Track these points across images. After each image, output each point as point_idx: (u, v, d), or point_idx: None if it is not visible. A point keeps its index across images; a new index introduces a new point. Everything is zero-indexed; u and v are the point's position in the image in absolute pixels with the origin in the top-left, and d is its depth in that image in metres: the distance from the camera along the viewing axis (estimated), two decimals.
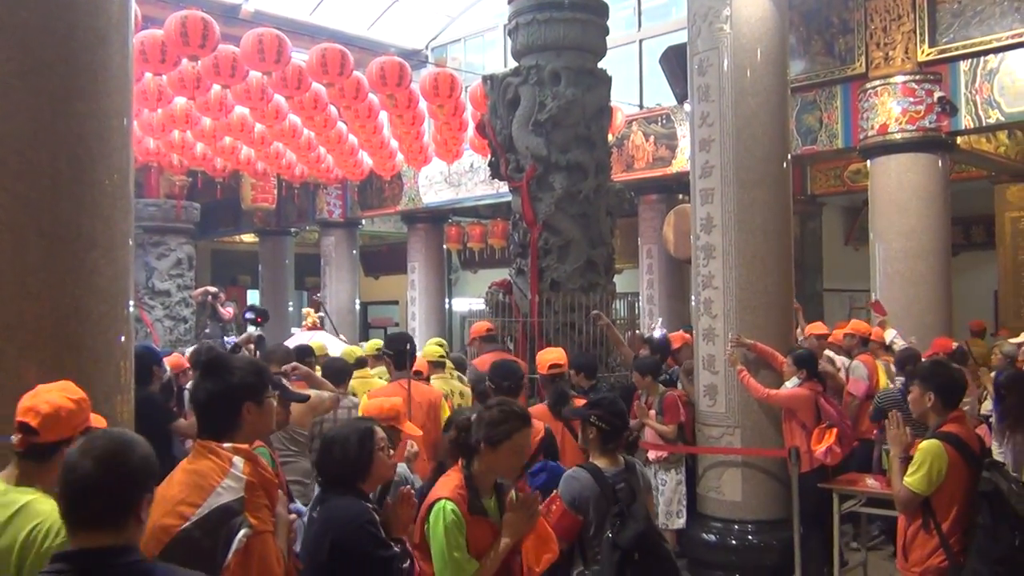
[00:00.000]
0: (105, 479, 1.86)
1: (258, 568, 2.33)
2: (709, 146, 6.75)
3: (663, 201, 12.37)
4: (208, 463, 2.43)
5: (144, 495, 1.92)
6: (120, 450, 1.91)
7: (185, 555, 2.24)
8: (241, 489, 2.40)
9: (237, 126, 10.49)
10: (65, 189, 3.16)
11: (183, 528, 2.32)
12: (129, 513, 1.88)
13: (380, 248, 21.27)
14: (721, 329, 6.59)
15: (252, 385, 2.61)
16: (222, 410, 2.56)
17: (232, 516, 2.34)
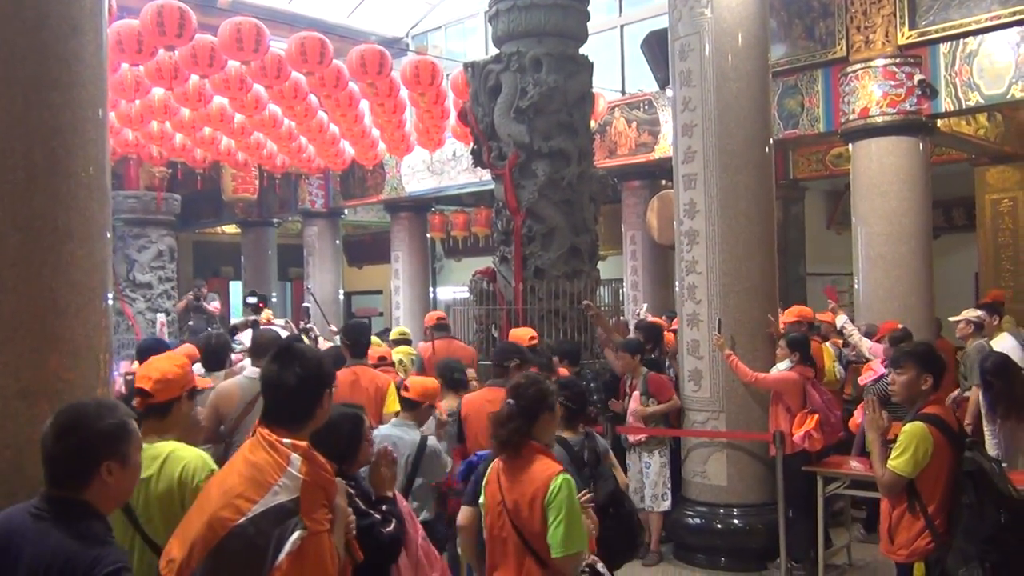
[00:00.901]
0: (60, 449, 2.20)
1: (312, 569, 2.36)
2: (691, 131, 6.76)
3: (646, 187, 12.36)
4: (267, 457, 2.43)
5: (101, 462, 2.19)
6: (77, 423, 2.22)
7: (239, 549, 2.31)
8: (297, 489, 2.39)
9: (216, 116, 10.37)
10: (40, 181, 3.11)
11: (239, 523, 2.34)
12: (85, 477, 2.19)
13: (363, 238, 21.19)
14: (705, 314, 6.61)
15: (328, 375, 2.66)
16: (302, 399, 2.54)
17: (287, 516, 2.35)
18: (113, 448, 2.23)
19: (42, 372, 3.07)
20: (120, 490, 2.29)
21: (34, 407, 3.01)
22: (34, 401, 3.02)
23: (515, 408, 3.28)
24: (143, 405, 3.11)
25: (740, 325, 6.52)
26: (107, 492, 2.23)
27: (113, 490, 2.25)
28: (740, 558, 6.33)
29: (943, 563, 3.64)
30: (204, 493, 2.51)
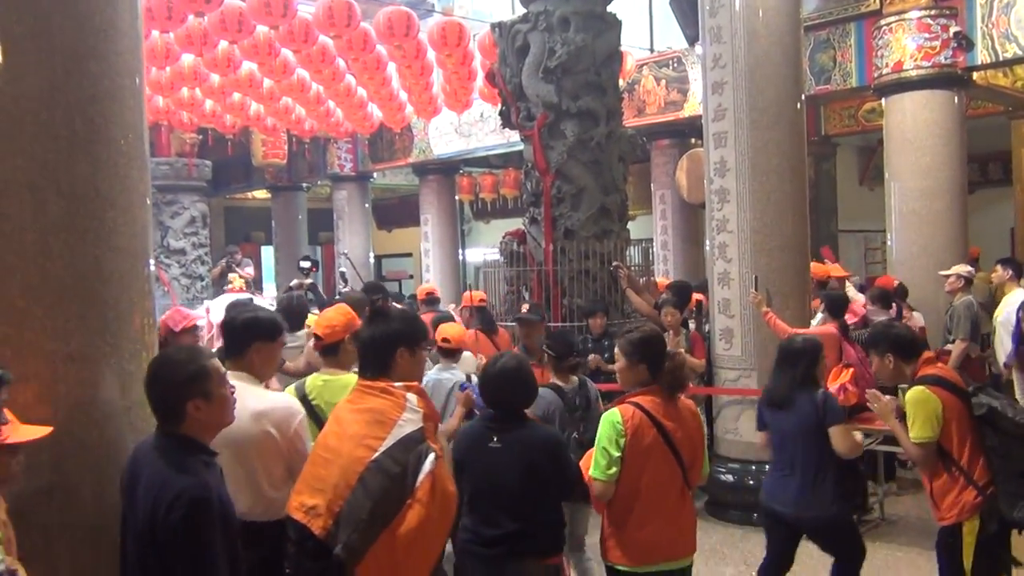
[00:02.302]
0: (151, 395, 2.63)
1: (441, 487, 2.68)
2: (722, 88, 6.70)
3: (675, 146, 12.27)
4: (382, 401, 2.76)
5: (187, 401, 2.53)
6: (159, 372, 2.63)
7: (379, 479, 2.62)
8: (420, 420, 2.74)
9: (245, 82, 10.42)
10: (81, 149, 3.17)
11: (374, 458, 2.63)
12: (178, 415, 2.54)
13: (392, 201, 21.24)
14: (736, 273, 6.60)
15: (407, 333, 2.92)
16: (379, 353, 2.86)
17: (416, 444, 2.68)
18: (195, 388, 2.53)
19: (88, 337, 3.14)
20: (212, 421, 2.61)
21: (82, 371, 3.10)
22: (82, 365, 3.11)
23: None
24: (319, 347, 4.03)
25: (771, 283, 6.50)
26: (200, 425, 2.56)
27: (205, 422, 2.57)
28: None
29: (997, 512, 3.64)
30: (323, 447, 2.80)
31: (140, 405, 3.20)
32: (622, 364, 3.66)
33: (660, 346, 3.66)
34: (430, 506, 2.61)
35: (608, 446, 3.49)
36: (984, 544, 3.68)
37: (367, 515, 2.58)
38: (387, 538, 2.58)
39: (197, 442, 2.58)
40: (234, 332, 3.45)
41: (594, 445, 3.62)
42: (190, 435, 2.56)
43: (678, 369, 3.63)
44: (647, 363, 3.58)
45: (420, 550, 2.64)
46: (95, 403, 3.15)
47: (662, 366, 3.58)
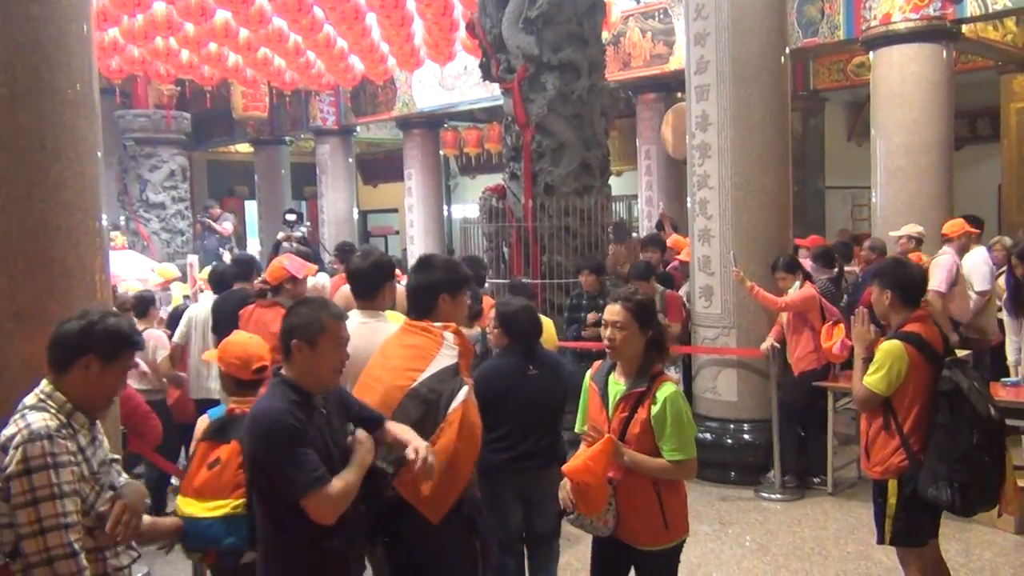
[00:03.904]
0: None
1: (469, 416, 2.96)
2: (704, 40, 6.54)
3: (661, 100, 12.09)
4: (422, 338, 3.06)
5: (291, 342, 2.65)
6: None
7: (416, 404, 2.91)
8: (455, 356, 3.02)
9: (221, 32, 10.17)
10: (23, 99, 3.05)
11: (412, 387, 2.94)
12: (286, 356, 2.68)
13: (378, 156, 21.00)
14: (717, 230, 6.50)
15: (448, 281, 3.19)
16: (423, 298, 3.16)
17: (451, 376, 2.98)
18: (300, 332, 2.63)
19: (35, 294, 3.05)
20: (309, 368, 2.64)
21: (28, 328, 3.01)
22: (28, 323, 3.02)
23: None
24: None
25: (754, 241, 6.41)
26: (300, 368, 2.64)
27: (305, 367, 2.64)
28: (750, 472, 6.36)
29: (915, 481, 3.64)
30: (369, 376, 3.09)
31: None
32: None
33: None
34: (460, 431, 2.90)
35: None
36: (907, 505, 3.69)
37: None
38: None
39: (294, 385, 2.65)
40: (366, 275, 3.78)
41: None
42: (291, 377, 2.66)
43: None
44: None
45: (450, 469, 2.88)
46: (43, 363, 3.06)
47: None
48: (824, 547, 5.34)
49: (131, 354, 2.49)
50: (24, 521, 2.22)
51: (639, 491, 3.13)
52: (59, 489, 2.23)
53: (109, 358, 2.41)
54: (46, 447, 2.24)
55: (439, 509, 2.89)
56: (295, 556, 2.59)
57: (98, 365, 2.39)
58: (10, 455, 2.24)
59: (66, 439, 2.29)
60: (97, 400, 2.46)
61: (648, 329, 3.21)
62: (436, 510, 2.88)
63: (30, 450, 2.22)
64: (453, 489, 2.93)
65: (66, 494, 2.25)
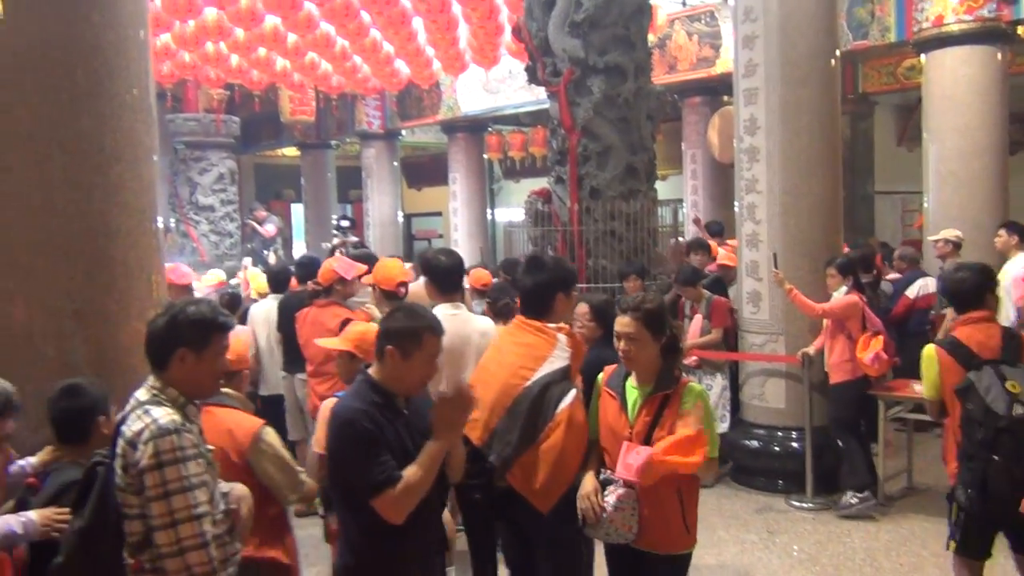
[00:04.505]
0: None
1: (577, 417, 3.14)
2: (753, 43, 6.49)
3: (707, 104, 11.98)
4: (537, 338, 3.24)
5: (385, 347, 2.66)
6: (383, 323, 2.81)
7: (527, 403, 3.12)
8: (567, 359, 3.19)
9: (270, 36, 10.30)
10: (84, 102, 3.12)
11: (525, 386, 3.15)
12: (378, 357, 2.69)
13: (422, 159, 21.10)
14: (765, 235, 6.44)
15: (562, 279, 3.37)
16: (540, 297, 3.32)
17: (562, 378, 3.16)
18: (396, 339, 2.65)
19: (95, 294, 3.11)
20: (398, 375, 2.66)
21: (88, 327, 3.07)
22: (88, 321, 3.08)
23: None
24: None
25: (802, 246, 6.34)
26: (389, 373, 2.66)
27: (395, 373, 2.66)
28: (798, 481, 6.26)
29: (965, 485, 3.65)
30: (484, 371, 3.34)
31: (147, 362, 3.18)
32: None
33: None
34: (567, 431, 3.09)
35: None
36: (966, 516, 3.65)
37: (517, 433, 3.11)
38: (532, 454, 3.11)
39: (379, 387, 2.68)
40: (448, 271, 4.22)
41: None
42: (377, 379, 2.70)
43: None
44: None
45: (559, 464, 3.09)
46: (103, 361, 3.13)
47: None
48: (875, 559, 5.24)
49: (221, 336, 2.49)
50: (157, 513, 2.28)
51: (664, 498, 3.10)
52: (188, 482, 2.29)
53: (200, 346, 2.42)
54: (175, 441, 2.29)
55: (548, 500, 3.11)
56: (371, 550, 2.63)
57: (192, 356, 2.42)
58: (140, 450, 2.29)
59: (190, 432, 2.35)
60: (204, 387, 2.51)
61: (661, 336, 3.18)
62: (546, 501, 3.11)
63: (160, 444, 2.27)
64: (561, 482, 3.12)
65: (195, 486, 2.30)
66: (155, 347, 2.43)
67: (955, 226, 8.16)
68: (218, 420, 2.96)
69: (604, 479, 3.15)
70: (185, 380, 2.41)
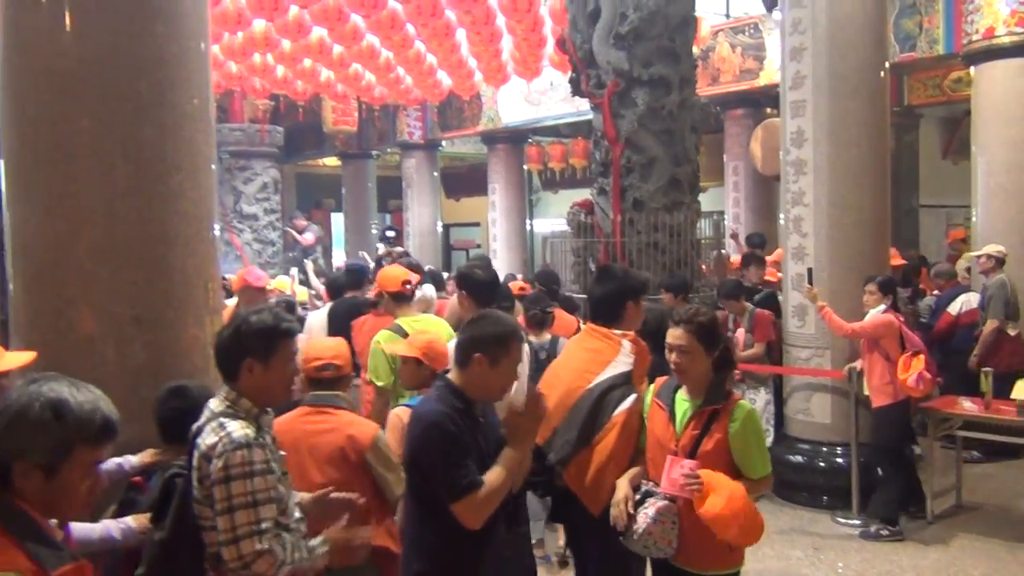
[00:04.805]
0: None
1: (632, 421, 3.26)
2: (801, 55, 6.45)
3: (750, 116, 11.93)
4: (602, 343, 3.38)
5: (472, 354, 2.68)
6: (468, 328, 2.85)
7: (588, 405, 3.24)
8: (630, 364, 3.31)
9: (316, 48, 10.44)
10: (147, 113, 3.18)
11: (588, 388, 3.28)
12: (463, 363, 2.72)
13: (461, 169, 21.20)
14: (812, 248, 6.39)
15: (631, 287, 3.52)
16: (611, 305, 3.46)
17: (624, 382, 3.28)
18: (485, 347, 2.69)
19: (154, 300, 3.17)
20: (483, 382, 2.70)
21: (147, 333, 3.13)
22: (147, 328, 3.13)
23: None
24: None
25: (849, 260, 6.27)
26: (474, 379, 2.70)
27: (479, 380, 2.70)
28: (843, 497, 6.18)
29: None
30: (552, 374, 3.48)
31: (204, 369, 3.24)
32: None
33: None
34: (620, 434, 3.21)
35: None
36: None
37: (576, 433, 3.22)
38: (586, 454, 3.23)
39: (460, 393, 2.73)
40: (487, 285, 4.45)
41: None
42: (459, 385, 2.74)
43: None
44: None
45: (607, 467, 3.19)
46: (161, 367, 3.18)
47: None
48: None
49: (287, 343, 2.48)
50: (223, 528, 2.30)
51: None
52: (253, 498, 2.30)
53: (266, 355, 2.43)
54: (245, 456, 2.31)
55: (598, 501, 3.18)
56: (448, 556, 2.65)
57: (259, 365, 2.43)
58: (214, 463, 2.31)
59: (261, 447, 2.36)
60: (275, 395, 2.51)
61: (713, 349, 3.15)
62: (596, 502, 3.19)
63: (231, 459, 2.29)
64: (609, 484, 3.18)
65: (260, 502, 2.31)
66: (223, 359, 2.45)
67: (1003, 240, 8.03)
68: (339, 422, 3.18)
69: (646, 491, 3.13)
70: (255, 390, 2.43)
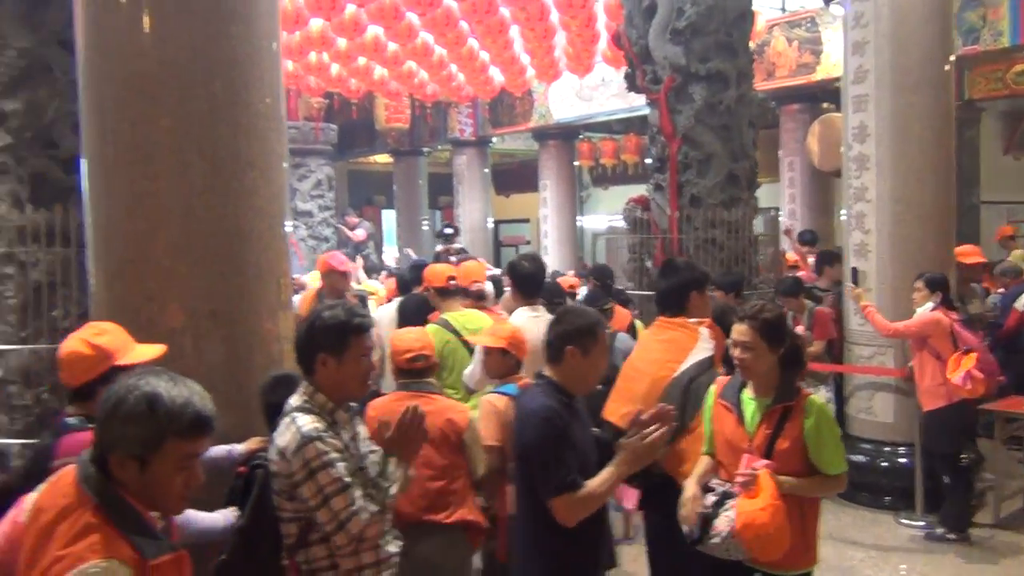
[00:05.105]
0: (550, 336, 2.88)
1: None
2: (863, 49, 6.36)
3: (806, 111, 11.75)
4: (679, 333, 3.53)
5: (565, 348, 2.77)
6: (557, 320, 2.91)
7: (678, 393, 3.36)
8: (711, 349, 3.45)
9: (371, 46, 10.51)
10: (222, 112, 3.24)
11: (674, 376, 3.41)
12: (557, 359, 2.80)
13: (511, 166, 21.22)
14: (874, 245, 6.30)
15: (695, 279, 3.67)
16: (676, 297, 3.62)
17: (708, 367, 3.43)
18: (575, 339, 2.77)
19: (228, 295, 3.23)
20: (580, 373, 2.79)
21: (223, 327, 3.19)
22: (223, 322, 3.20)
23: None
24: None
25: (911, 256, 6.17)
26: (570, 372, 2.78)
27: (576, 372, 2.79)
28: (906, 498, 6.09)
29: None
30: (631, 367, 3.58)
31: (277, 363, 3.30)
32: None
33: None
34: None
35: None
36: None
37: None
38: (682, 440, 3.33)
39: (560, 388, 2.81)
40: (532, 276, 4.65)
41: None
42: (559, 381, 2.83)
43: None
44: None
45: (700, 446, 3.32)
46: (237, 361, 3.24)
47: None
48: None
49: (360, 338, 2.49)
50: (324, 520, 2.36)
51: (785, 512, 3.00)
52: (342, 482, 2.35)
53: (339, 350, 2.46)
54: (318, 447, 2.35)
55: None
56: (547, 544, 2.72)
57: (333, 360, 2.46)
58: (291, 462, 2.36)
59: (333, 438, 2.41)
60: (349, 390, 2.53)
61: (778, 346, 3.11)
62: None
63: (307, 453, 2.35)
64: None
65: (348, 485, 2.36)
66: (300, 354, 2.50)
67: None
68: (439, 406, 3.39)
69: (724, 491, 3.10)
70: (330, 384, 2.47)
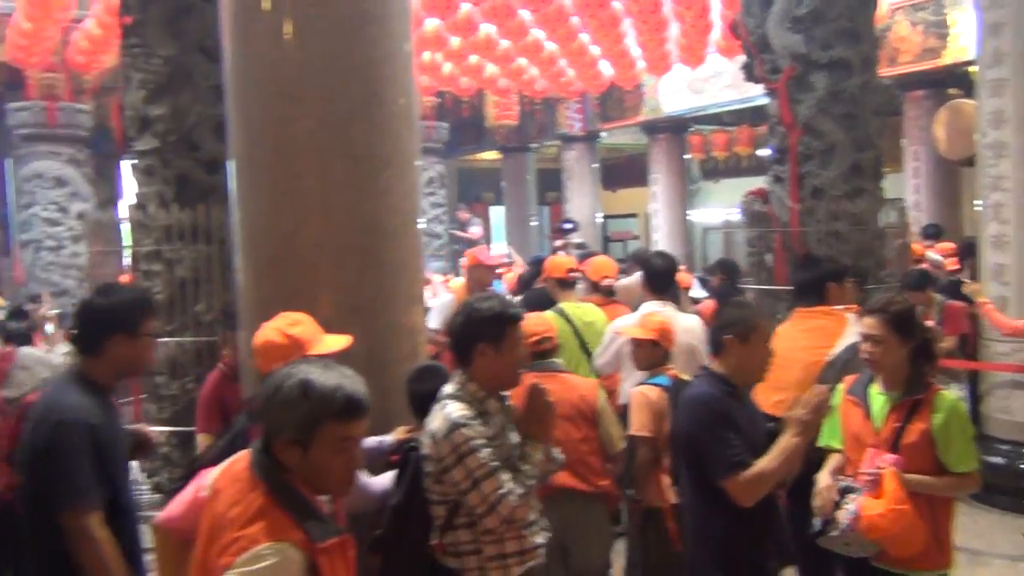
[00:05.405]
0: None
1: None
2: (1000, 30, 6.09)
3: (931, 97, 11.28)
4: (826, 320, 3.78)
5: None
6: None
7: (832, 374, 3.49)
8: (858, 336, 3.35)
9: (483, 44, 10.62)
10: (360, 112, 3.33)
11: (828, 359, 3.63)
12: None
13: (618, 161, 21.10)
14: (1012, 236, 6.02)
15: (831, 272, 3.96)
16: (812, 289, 3.93)
17: (856, 350, 3.32)
18: (732, 328, 2.90)
19: (368, 290, 3.33)
20: (741, 362, 2.90)
21: (363, 321, 3.29)
22: (364, 316, 3.29)
23: None
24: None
25: None
26: (732, 362, 2.89)
27: (737, 361, 2.88)
28: None
29: None
30: (779, 358, 3.36)
31: (411, 357, 3.38)
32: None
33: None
34: None
35: None
36: None
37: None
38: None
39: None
40: (666, 272, 4.82)
41: None
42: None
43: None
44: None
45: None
46: (373, 354, 3.33)
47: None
48: None
49: (515, 328, 2.57)
50: (475, 503, 2.44)
51: (915, 511, 2.93)
52: (490, 466, 2.42)
53: (497, 339, 2.52)
54: (465, 433, 2.44)
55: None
56: (715, 530, 2.78)
57: (491, 349, 2.52)
58: (440, 446, 2.45)
59: (481, 426, 2.47)
60: (506, 379, 2.61)
61: (909, 339, 3.06)
62: None
63: (455, 439, 2.43)
64: None
65: (496, 468, 2.43)
66: (457, 345, 2.56)
67: None
68: (570, 385, 3.59)
69: (846, 486, 3.05)
70: (487, 373, 2.52)
